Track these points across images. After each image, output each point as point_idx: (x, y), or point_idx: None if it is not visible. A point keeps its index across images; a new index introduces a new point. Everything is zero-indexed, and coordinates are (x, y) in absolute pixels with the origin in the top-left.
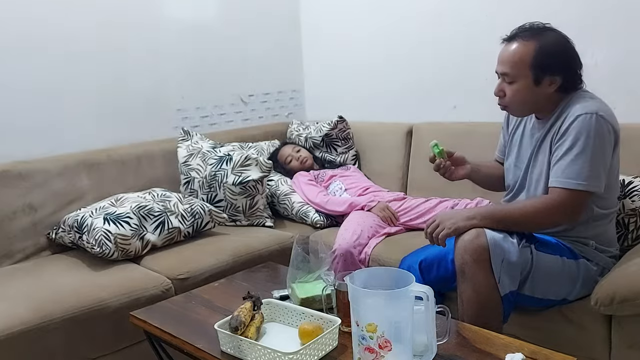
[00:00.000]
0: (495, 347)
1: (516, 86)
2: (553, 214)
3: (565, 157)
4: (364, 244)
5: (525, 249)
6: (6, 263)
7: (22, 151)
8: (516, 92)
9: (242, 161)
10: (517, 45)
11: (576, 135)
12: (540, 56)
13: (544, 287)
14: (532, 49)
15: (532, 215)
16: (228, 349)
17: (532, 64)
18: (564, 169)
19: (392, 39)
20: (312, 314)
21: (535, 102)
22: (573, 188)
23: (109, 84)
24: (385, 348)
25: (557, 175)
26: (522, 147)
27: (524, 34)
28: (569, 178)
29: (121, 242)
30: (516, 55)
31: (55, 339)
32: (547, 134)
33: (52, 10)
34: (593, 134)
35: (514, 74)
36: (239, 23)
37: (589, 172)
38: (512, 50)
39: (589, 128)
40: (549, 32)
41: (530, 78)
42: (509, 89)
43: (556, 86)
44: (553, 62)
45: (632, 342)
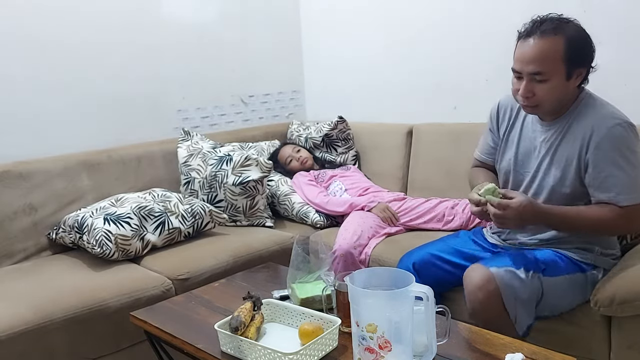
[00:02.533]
0: (495, 348)
1: (550, 84)
2: (623, 228)
3: (621, 171)
4: (364, 244)
5: (534, 279)
6: (7, 263)
7: (22, 151)
8: (551, 90)
9: (243, 161)
10: (545, 41)
11: (621, 148)
12: (571, 49)
13: (555, 306)
14: (562, 42)
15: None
16: (228, 349)
17: (565, 58)
18: (626, 184)
19: (393, 39)
20: (312, 314)
21: (563, 98)
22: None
23: (109, 84)
24: (385, 348)
25: (620, 191)
26: (522, 150)
27: (546, 28)
28: (635, 190)
29: (121, 243)
30: (546, 51)
31: (55, 339)
32: (562, 140)
33: (52, 10)
34: (634, 144)
35: (548, 71)
36: (239, 24)
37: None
38: (541, 47)
39: (628, 139)
40: (569, 23)
41: (564, 73)
42: (541, 88)
43: (581, 79)
44: (582, 53)
45: (632, 342)
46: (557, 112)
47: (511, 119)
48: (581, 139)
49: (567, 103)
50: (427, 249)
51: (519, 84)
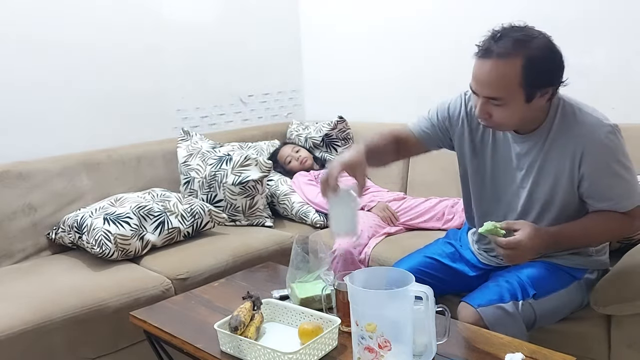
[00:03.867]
0: (495, 347)
1: (507, 108)
2: (627, 231)
3: (620, 179)
4: (363, 244)
5: (525, 307)
6: (6, 263)
7: (22, 151)
8: (508, 114)
9: (242, 161)
10: (500, 64)
11: (616, 157)
12: (530, 71)
13: (551, 320)
14: (519, 67)
15: (609, 237)
16: (228, 348)
17: (523, 83)
18: (625, 191)
19: (392, 39)
20: (312, 314)
21: (528, 117)
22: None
23: (108, 84)
24: (385, 348)
25: (621, 199)
26: (498, 163)
27: (503, 47)
28: (634, 194)
29: (121, 242)
30: (501, 77)
31: (55, 339)
32: (547, 155)
33: (52, 10)
34: (624, 148)
35: (504, 96)
36: (238, 23)
37: (637, 180)
38: (496, 70)
39: (620, 145)
40: (533, 39)
41: (523, 97)
42: (497, 111)
43: (547, 97)
44: (544, 74)
45: (632, 341)
46: (528, 127)
47: (479, 129)
48: (571, 154)
49: (539, 117)
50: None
51: (476, 101)
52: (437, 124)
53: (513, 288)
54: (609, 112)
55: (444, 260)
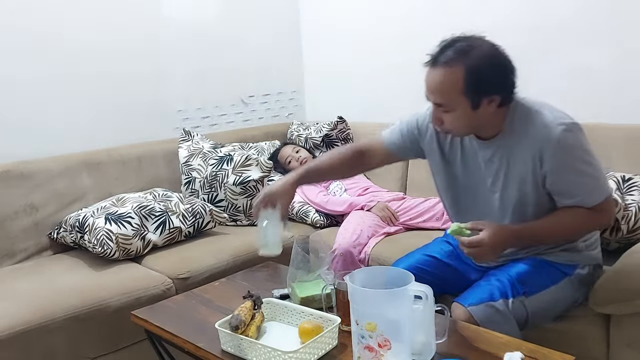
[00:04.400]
0: (494, 346)
1: (455, 114)
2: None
3: (583, 176)
4: (363, 243)
5: (516, 305)
6: (8, 263)
7: (23, 151)
8: (457, 119)
9: (243, 161)
10: (443, 73)
11: (577, 154)
12: (471, 80)
13: (545, 319)
14: (461, 75)
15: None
16: (228, 347)
17: (465, 90)
18: (590, 187)
19: (392, 39)
20: (312, 313)
21: (479, 123)
22: (608, 194)
23: (110, 84)
24: (385, 347)
25: (586, 195)
26: (468, 169)
27: (447, 56)
28: (600, 189)
29: (122, 242)
30: (445, 84)
31: (56, 338)
32: (510, 159)
33: (52, 10)
34: (585, 144)
35: (449, 103)
36: (239, 24)
37: (603, 174)
38: (440, 78)
39: (579, 141)
40: (475, 48)
41: (467, 104)
42: (447, 117)
43: (496, 104)
44: (486, 82)
45: (631, 341)
46: (488, 133)
47: (446, 142)
48: (531, 156)
49: (496, 123)
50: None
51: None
52: (407, 135)
53: (503, 286)
54: (609, 112)
55: (443, 258)
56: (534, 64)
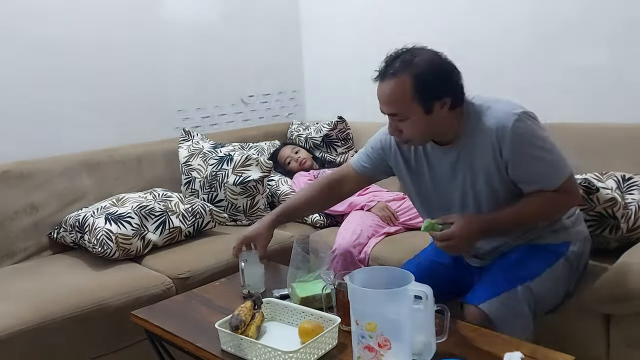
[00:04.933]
0: (494, 346)
1: (410, 121)
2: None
3: (540, 161)
4: (363, 243)
5: (524, 291)
6: (8, 263)
7: (23, 151)
8: (412, 126)
9: (243, 161)
10: (392, 83)
11: (531, 141)
12: (419, 86)
13: (551, 301)
14: (409, 82)
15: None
16: (228, 347)
17: (415, 96)
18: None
19: (392, 39)
20: (312, 313)
21: (435, 128)
22: (569, 175)
23: (110, 84)
24: (385, 347)
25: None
26: (437, 178)
27: (393, 68)
28: (558, 172)
29: (122, 242)
30: (395, 94)
31: (56, 338)
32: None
33: (52, 10)
34: (539, 130)
35: (402, 111)
36: (239, 24)
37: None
38: (390, 89)
39: (532, 128)
40: (418, 57)
41: (420, 109)
42: (404, 125)
43: (448, 106)
44: (434, 86)
45: (631, 340)
46: (446, 136)
47: (411, 155)
48: (490, 146)
49: (452, 125)
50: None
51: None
52: (373, 156)
53: (507, 277)
54: (609, 112)
55: (443, 260)
56: (536, 63)
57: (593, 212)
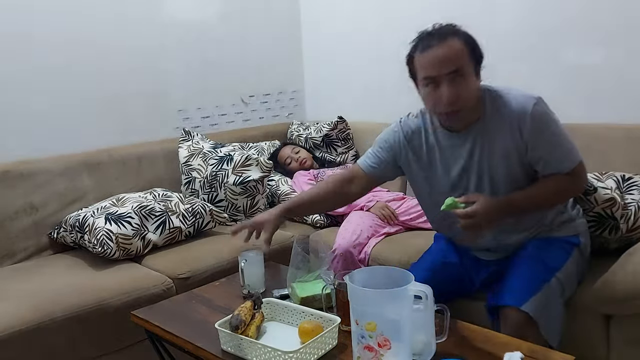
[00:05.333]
0: (494, 346)
1: (468, 81)
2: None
3: (557, 145)
4: (363, 243)
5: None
6: (7, 263)
7: (23, 151)
8: (469, 87)
9: (243, 161)
10: (447, 44)
11: (547, 124)
12: (470, 47)
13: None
14: (462, 43)
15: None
16: (228, 347)
17: (470, 55)
18: (563, 154)
19: (392, 39)
20: (312, 313)
21: (477, 97)
22: (580, 160)
23: (110, 84)
24: (385, 347)
25: (561, 162)
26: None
27: (441, 34)
28: (572, 155)
29: (122, 242)
30: (454, 50)
31: (56, 338)
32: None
33: (52, 10)
34: (552, 115)
35: (463, 66)
36: (239, 24)
37: (573, 143)
38: (447, 48)
39: (548, 112)
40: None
41: (473, 70)
42: (462, 87)
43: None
44: (479, 51)
45: (631, 340)
46: (470, 117)
47: (422, 145)
48: (510, 129)
49: (477, 106)
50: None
51: (436, 93)
52: (382, 155)
53: (539, 272)
54: (609, 112)
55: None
56: (537, 63)
57: (592, 212)
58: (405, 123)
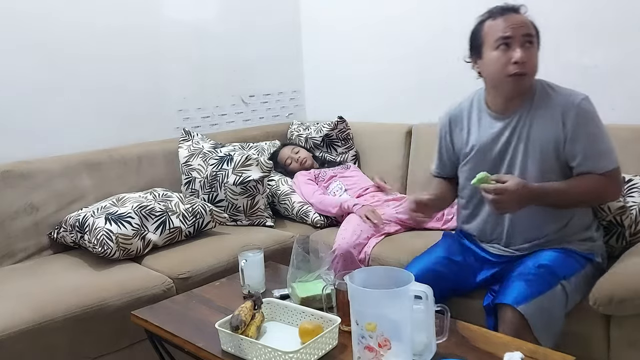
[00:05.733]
0: (494, 346)
1: (535, 51)
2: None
3: (597, 142)
4: (363, 243)
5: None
6: (8, 263)
7: (23, 151)
8: (535, 56)
9: (243, 161)
10: (525, 16)
11: (592, 120)
12: (537, 29)
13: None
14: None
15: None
16: (229, 348)
17: (536, 31)
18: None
19: (392, 39)
20: (312, 313)
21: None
22: (617, 165)
23: (110, 84)
24: (385, 347)
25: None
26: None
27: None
28: (610, 157)
29: (122, 242)
30: (528, 19)
31: (56, 338)
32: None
33: (53, 10)
34: (598, 115)
35: (534, 34)
36: (239, 24)
37: (613, 147)
38: (523, 15)
39: (594, 111)
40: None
41: (537, 44)
42: (532, 53)
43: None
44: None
45: (632, 341)
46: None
47: (464, 125)
48: (552, 119)
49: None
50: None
51: (506, 54)
52: (446, 157)
53: (545, 277)
54: (609, 112)
55: (455, 257)
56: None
57: (605, 221)
58: (452, 108)
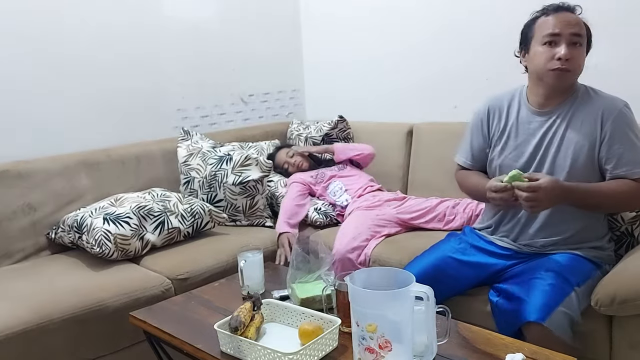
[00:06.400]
0: (496, 347)
1: (581, 51)
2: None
3: (633, 149)
4: (362, 246)
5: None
6: (5, 263)
7: (21, 151)
8: (581, 56)
9: (242, 161)
10: (576, 14)
11: (631, 126)
12: (589, 33)
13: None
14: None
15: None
16: (228, 349)
17: (587, 34)
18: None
19: (392, 38)
20: (312, 314)
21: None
22: None
23: (108, 83)
24: (386, 348)
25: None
26: (523, 143)
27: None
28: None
29: (121, 242)
30: (581, 20)
31: (54, 339)
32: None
33: (52, 9)
34: (636, 121)
35: (583, 36)
36: (239, 23)
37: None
38: (576, 16)
39: (634, 118)
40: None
41: (585, 47)
42: (578, 53)
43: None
44: (590, 44)
45: (634, 342)
46: (558, 98)
47: (502, 117)
48: (592, 120)
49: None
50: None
51: (552, 50)
52: (477, 150)
53: (560, 284)
54: None
55: (456, 255)
56: None
57: (618, 232)
58: (492, 99)
